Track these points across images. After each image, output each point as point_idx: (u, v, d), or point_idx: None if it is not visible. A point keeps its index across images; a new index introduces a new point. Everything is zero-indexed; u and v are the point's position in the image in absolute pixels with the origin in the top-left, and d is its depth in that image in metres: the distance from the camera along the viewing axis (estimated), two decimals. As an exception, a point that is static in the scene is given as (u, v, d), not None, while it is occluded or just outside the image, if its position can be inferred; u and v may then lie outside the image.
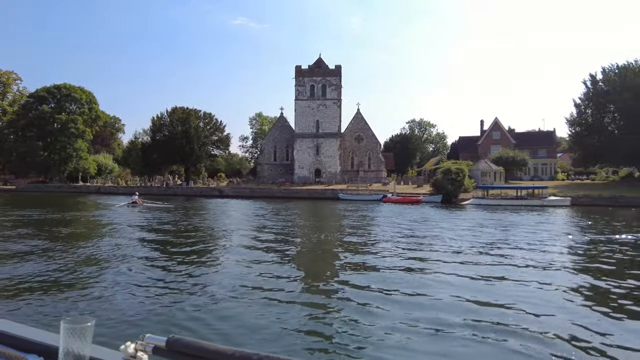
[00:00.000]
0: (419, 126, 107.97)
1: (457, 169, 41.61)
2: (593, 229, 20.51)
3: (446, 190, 40.41)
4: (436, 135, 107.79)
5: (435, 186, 42.11)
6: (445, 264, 11.36)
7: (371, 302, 7.80)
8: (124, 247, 13.85)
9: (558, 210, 33.06)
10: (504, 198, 37.89)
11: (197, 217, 26.34)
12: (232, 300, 7.85)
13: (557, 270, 10.91)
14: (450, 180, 40.56)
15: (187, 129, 60.32)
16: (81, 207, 34.32)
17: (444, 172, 41.87)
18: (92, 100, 73.82)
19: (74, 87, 71.74)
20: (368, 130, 63.11)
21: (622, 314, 7.27)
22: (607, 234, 18.23)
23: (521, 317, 7.01)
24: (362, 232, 19.78)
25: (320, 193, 48.34)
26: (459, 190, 40.55)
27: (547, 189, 38.58)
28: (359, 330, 6.39)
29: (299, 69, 59.65)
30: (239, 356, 0.90)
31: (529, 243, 15.56)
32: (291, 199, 46.03)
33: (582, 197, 37.46)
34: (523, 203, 36.00)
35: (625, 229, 20.15)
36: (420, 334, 6.25)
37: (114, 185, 65.05)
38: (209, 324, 6.53)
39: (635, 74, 47.63)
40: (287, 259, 12.58)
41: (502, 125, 73.64)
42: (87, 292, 8.25)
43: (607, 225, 22.41)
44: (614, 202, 36.21)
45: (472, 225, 21.73)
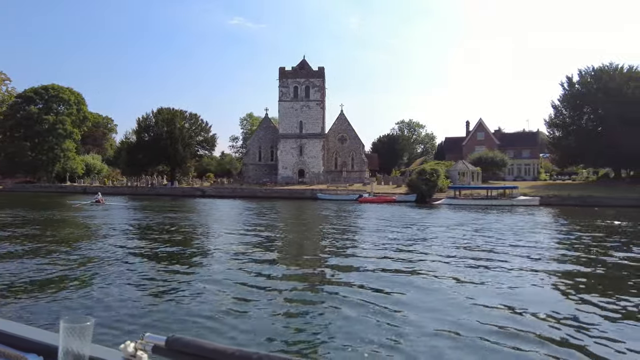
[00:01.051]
0: (408, 127, 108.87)
1: (432, 170, 42.38)
2: (550, 228, 21.26)
3: (420, 190, 41.15)
4: (425, 135, 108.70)
5: (410, 186, 42.86)
6: (392, 260, 11.95)
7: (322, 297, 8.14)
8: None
9: (526, 209, 33.85)
10: (475, 198, 38.65)
11: (161, 216, 26.96)
12: (218, 297, 8.00)
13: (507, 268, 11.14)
14: (424, 180, 41.30)
15: (172, 129, 60.95)
16: (48, 206, 34.05)
17: (419, 173, 42.66)
18: (80, 101, 74.39)
19: (62, 87, 72.30)
20: (351, 131, 63.85)
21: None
22: (560, 232, 18.97)
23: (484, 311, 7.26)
24: (320, 229, 20.50)
25: (300, 193, 49.05)
26: (433, 190, 41.27)
27: (517, 189, 39.37)
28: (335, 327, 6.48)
29: (283, 71, 60.37)
30: (239, 355, 0.90)
31: (485, 239, 16.29)
32: (271, 199, 46.73)
33: (552, 197, 38.25)
34: (493, 203, 36.74)
35: (577, 226, 20.91)
36: (383, 328, 6.37)
37: (100, 185, 65.55)
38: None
39: (610, 77, 48.45)
40: (243, 256, 12.73)
41: (487, 126, 74.49)
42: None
43: (566, 223, 23.19)
44: (581, 202, 36.99)
45: (429, 223, 22.44)
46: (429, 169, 42.51)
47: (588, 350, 5.70)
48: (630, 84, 46.38)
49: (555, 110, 53.99)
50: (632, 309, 7.49)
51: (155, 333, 1.05)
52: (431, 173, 41.61)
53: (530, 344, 5.86)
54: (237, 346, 0.95)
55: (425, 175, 41.66)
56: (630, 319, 6.92)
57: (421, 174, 42.17)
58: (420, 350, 5.67)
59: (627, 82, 46.75)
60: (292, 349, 5.71)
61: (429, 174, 41.60)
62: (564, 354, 5.58)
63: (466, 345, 5.84)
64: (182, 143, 61.17)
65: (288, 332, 6.31)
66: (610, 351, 5.68)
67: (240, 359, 0.90)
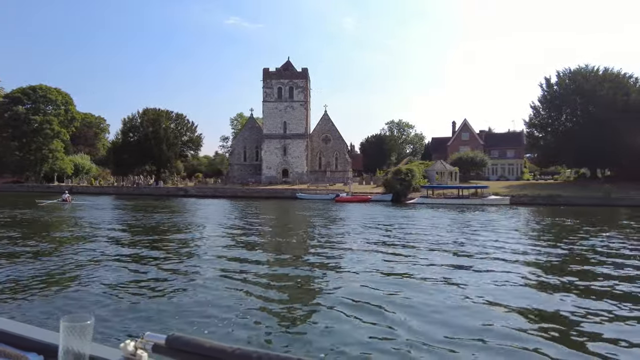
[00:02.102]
0: (397, 127, 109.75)
1: (407, 170, 43.15)
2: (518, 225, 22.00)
3: (395, 189, 41.90)
4: (414, 136, 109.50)
5: (386, 186, 43.60)
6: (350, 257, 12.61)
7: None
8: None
9: (497, 208, 34.64)
10: (447, 197, 39.40)
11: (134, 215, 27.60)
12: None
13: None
14: (399, 180, 42.05)
15: (157, 129, 61.51)
16: (16, 205, 33.94)
17: (394, 173, 43.41)
18: (68, 101, 74.85)
19: (49, 88, 72.76)
20: (335, 131, 64.56)
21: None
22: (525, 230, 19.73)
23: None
24: (290, 226, 21.20)
25: (280, 193, 49.73)
26: (408, 189, 42.01)
27: (488, 188, 40.18)
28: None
29: (267, 72, 61.03)
30: (239, 354, 0.90)
31: (441, 235, 17.04)
32: (252, 198, 47.42)
33: (522, 196, 39.03)
34: (464, 202, 37.52)
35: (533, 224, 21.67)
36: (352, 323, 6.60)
37: (86, 185, 66.10)
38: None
39: (585, 78, 49.29)
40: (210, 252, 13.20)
41: (471, 127, 75.30)
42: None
43: (518, 220, 23.96)
44: (550, 201, 37.83)
45: (385, 221, 23.17)
46: (404, 169, 43.25)
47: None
48: (604, 85, 47.24)
49: (534, 111, 54.84)
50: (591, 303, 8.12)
51: (155, 332, 1.06)
52: (406, 173, 42.37)
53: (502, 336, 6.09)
54: (237, 345, 0.96)
55: (401, 175, 42.42)
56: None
57: (396, 174, 42.93)
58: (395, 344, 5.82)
59: (600, 83, 47.62)
60: (286, 347, 5.69)
61: (404, 174, 42.36)
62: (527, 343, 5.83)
63: (443, 341, 5.94)
64: (166, 143, 61.72)
65: (277, 330, 6.36)
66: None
67: (240, 357, 0.90)
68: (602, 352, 5.64)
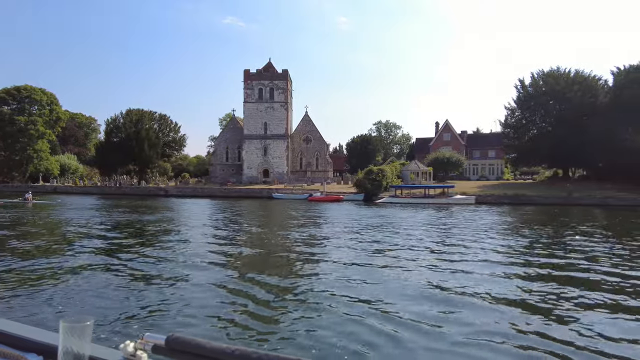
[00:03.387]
0: (385, 127, 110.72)
1: (378, 170, 44.03)
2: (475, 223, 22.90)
3: (367, 189, 42.78)
4: (401, 136, 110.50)
5: (357, 186, 44.47)
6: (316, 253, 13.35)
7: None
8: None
9: (462, 207, 35.56)
10: (415, 197, 40.30)
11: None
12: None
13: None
14: (370, 180, 42.93)
15: (138, 130, 62.18)
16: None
17: (366, 173, 44.28)
18: (53, 101, 75.34)
19: (34, 88, 73.24)
20: (316, 132, 65.41)
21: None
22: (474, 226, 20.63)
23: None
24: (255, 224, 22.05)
25: (257, 193, 50.52)
26: (379, 189, 42.89)
27: (454, 187, 41.11)
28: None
29: (247, 73, 61.80)
30: (239, 354, 0.90)
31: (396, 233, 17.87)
32: (229, 198, 48.18)
33: (489, 195, 39.97)
34: (430, 201, 38.42)
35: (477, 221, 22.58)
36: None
37: (71, 185, 66.70)
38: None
39: (556, 80, 50.31)
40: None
41: (453, 128, 76.25)
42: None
43: (468, 217, 24.88)
44: (515, 200, 38.78)
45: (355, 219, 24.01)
46: (375, 169, 44.13)
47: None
48: (574, 87, 48.28)
49: (509, 112, 55.86)
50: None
51: (155, 332, 1.05)
52: (377, 173, 43.24)
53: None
54: (236, 345, 0.96)
55: (372, 175, 43.28)
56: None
57: (368, 174, 43.81)
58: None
59: (570, 85, 48.66)
60: (280, 347, 5.76)
61: (375, 174, 43.23)
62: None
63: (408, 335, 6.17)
64: (148, 143, 62.40)
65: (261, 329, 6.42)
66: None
67: (240, 358, 0.90)
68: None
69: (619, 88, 43.79)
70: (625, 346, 5.88)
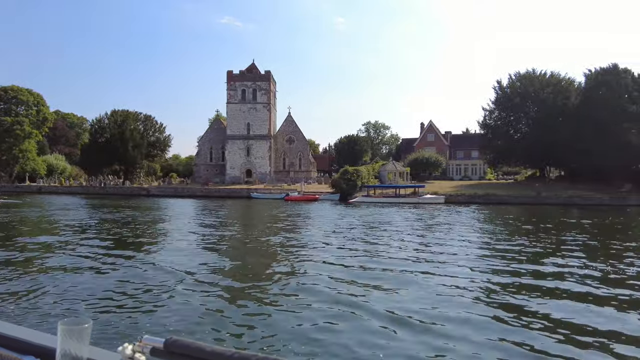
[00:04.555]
0: (374, 128, 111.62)
1: (354, 170, 44.77)
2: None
3: (341, 189, 43.51)
4: (390, 137, 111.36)
5: (333, 185, 45.20)
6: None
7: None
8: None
9: (432, 206, 36.33)
10: (386, 196, 41.07)
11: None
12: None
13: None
14: (345, 180, 43.65)
15: (122, 130, 62.73)
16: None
17: (342, 173, 45.00)
18: (40, 102, 75.67)
19: (21, 89, 73.59)
20: (299, 132, 66.12)
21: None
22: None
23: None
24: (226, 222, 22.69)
25: (236, 192, 51.15)
26: (354, 189, 43.61)
27: (425, 187, 41.90)
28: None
29: (230, 74, 62.45)
30: (238, 357, 0.89)
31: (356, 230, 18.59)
32: (209, 198, 48.80)
33: (459, 195, 40.76)
34: (401, 200, 39.19)
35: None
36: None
37: (56, 185, 67.21)
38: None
39: (530, 82, 51.16)
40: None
41: (437, 128, 77.14)
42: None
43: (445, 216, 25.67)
44: (485, 200, 39.58)
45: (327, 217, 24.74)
46: (351, 169, 44.86)
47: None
48: (548, 88, 49.15)
49: (486, 113, 56.65)
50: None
51: (154, 335, 1.05)
52: (352, 173, 43.97)
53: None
54: (235, 348, 0.97)
55: (347, 175, 44.01)
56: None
57: (344, 174, 44.53)
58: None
59: (545, 87, 49.53)
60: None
61: (350, 174, 43.97)
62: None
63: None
64: (132, 144, 62.95)
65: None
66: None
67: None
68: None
69: (589, 90, 44.68)
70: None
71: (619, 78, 42.71)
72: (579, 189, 41.80)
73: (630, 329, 6.53)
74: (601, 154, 40.56)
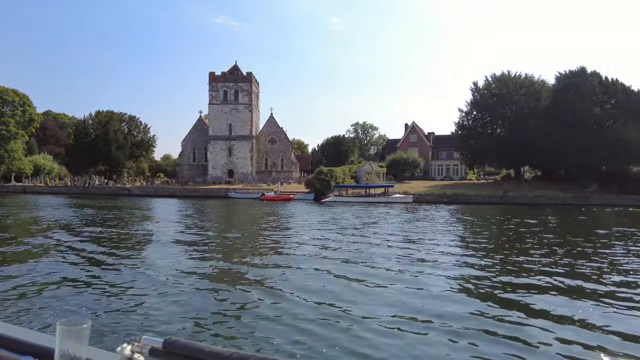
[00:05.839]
0: (362, 129, 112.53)
1: (328, 170, 45.61)
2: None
3: (316, 188, 44.33)
4: (378, 137, 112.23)
5: (308, 185, 46.03)
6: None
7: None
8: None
9: (400, 205, 37.19)
10: (357, 196, 41.95)
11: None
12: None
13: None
14: (319, 180, 44.48)
15: (106, 131, 63.39)
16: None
17: (317, 173, 45.82)
18: (26, 102, 76.15)
19: (6, 89, 74.08)
20: (281, 133, 66.94)
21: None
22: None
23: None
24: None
25: (215, 192, 51.91)
26: (328, 189, 44.45)
27: (394, 187, 42.79)
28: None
29: (212, 75, 63.23)
30: (236, 358, 0.89)
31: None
32: (188, 197, 49.54)
33: (428, 195, 41.64)
34: (371, 200, 40.06)
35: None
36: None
37: (41, 185, 67.82)
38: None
39: (504, 83, 52.11)
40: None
41: (419, 129, 78.05)
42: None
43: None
44: (453, 200, 40.47)
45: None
46: (325, 169, 45.70)
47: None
48: (521, 90, 50.11)
49: (463, 114, 57.58)
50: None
51: (152, 336, 1.06)
52: (326, 173, 44.80)
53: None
54: (234, 349, 0.96)
55: (321, 175, 44.84)
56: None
57: (318, 174, 45.36)
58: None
59: (518, 89, 50.49)
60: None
61: (325, 174, 44.80)
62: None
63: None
64: (115, 144, 63.62)
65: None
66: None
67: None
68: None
69: (557, 92, 45.65)
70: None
71: (586, 81, 43.68)
72: (551, 189, 42.73)
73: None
74: (568, 155, 41.54)
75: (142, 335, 1.06)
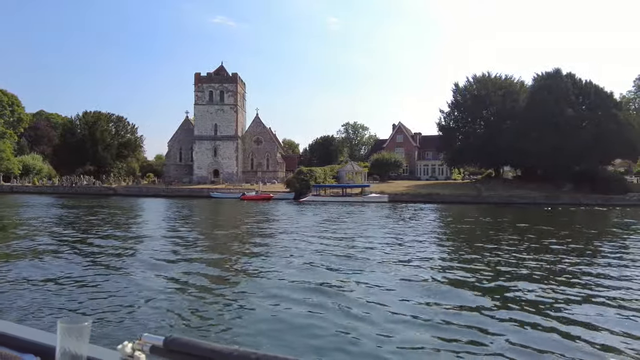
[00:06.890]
0: (353, 129, 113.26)
1: (308, 170, 46.33)
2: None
3: (295, 188, 45.05)
4: (368, 137, 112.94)
5: (288, 185, 46.75)
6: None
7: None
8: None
9: (376, 205, 37.91)
10: (334, 195, 42.69)
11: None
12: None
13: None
14: (299, 179, 45.21)
15: (93, 131, 63.96)
16: None
17: (297, 173, 46.55)
18: (14, 102, 76.56)
19: (-5, 90, 74.54)
20: (267, 133, 67.61)
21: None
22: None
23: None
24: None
25: (197, 192, 52.57)
26: (307, 188, 45.18)
27: (370, 187, 43.56)
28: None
29: (198, 76, 63.85)
30: (237, 355, 0.89)
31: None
32: (171, 197, 50.15)
33: (404, 194, 42.40)
34: (348, 199, 40.79)
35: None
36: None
37: (28, 185, 68.30)
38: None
39: (483, 85, 52.89)
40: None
41: (406, 130, 78.86)
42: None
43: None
44: (428, 199, 41.22)
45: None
46: (305, 169, 46.43)
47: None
48: (499, 91, 50.90)
49: (444, 115, 58.29)
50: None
51: (153, 333, 1.05)
52: (306, 173, 45.53)
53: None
54: (235, 346, 0.96)
55: (301, 175, 45.57)
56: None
57: (298, 174, 46.08)
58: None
59: (496, 90, 51.28)
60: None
61: (304, 174, 45.52)
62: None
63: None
64: (102, 145, 64.19)
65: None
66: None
67: (239, 359, 0.89)
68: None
69: (533, 93, 46.46)
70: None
71: (560, 82, 44.50)
72: (528, 189, 43.55)
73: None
74: (543, 155, 42.34)
75: (142, 333, 1.07)
